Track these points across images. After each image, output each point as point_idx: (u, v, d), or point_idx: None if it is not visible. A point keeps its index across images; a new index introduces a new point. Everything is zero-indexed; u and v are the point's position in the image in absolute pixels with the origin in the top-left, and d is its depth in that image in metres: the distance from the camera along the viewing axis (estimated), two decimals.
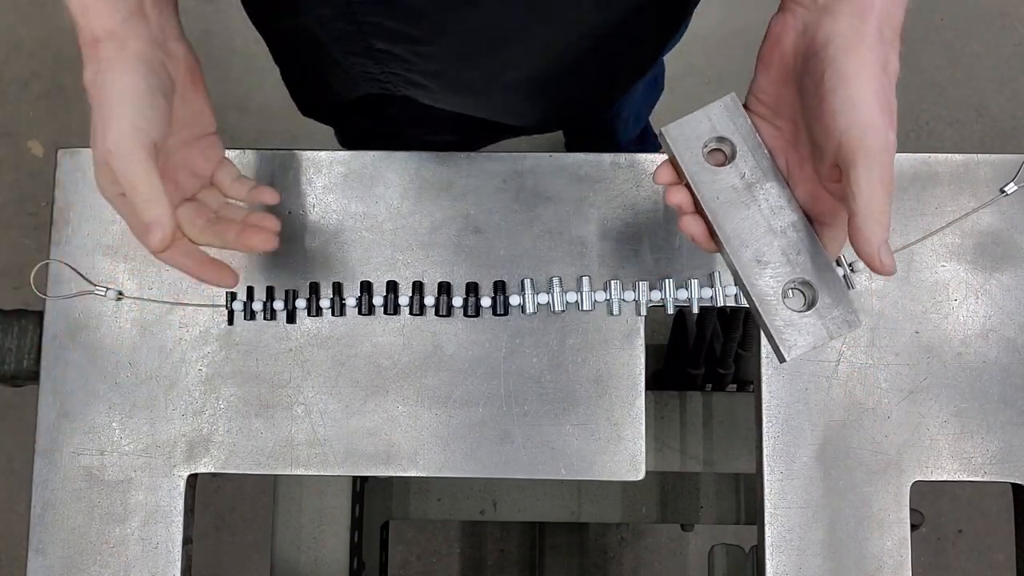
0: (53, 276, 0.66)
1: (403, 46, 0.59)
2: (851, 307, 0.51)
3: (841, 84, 0.48)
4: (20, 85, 1.67)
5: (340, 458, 0.64)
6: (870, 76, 0.48)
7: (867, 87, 0.48)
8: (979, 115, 1.65)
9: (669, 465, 0.92)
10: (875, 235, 0.48)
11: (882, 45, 0.49)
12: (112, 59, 0.52)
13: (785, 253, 0.51)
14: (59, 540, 0.64)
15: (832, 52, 0.48)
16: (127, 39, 0.53)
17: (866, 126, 0.47)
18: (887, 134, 0.47)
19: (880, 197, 0.47)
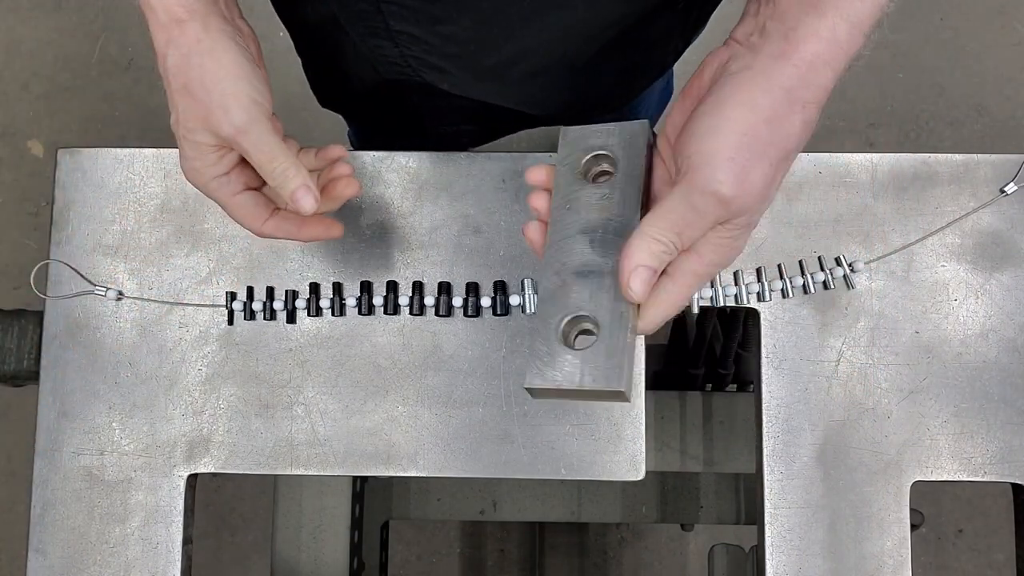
0: (53, 276, 0.66)
1: (422, 26, 0.59)
2: (621, 373, 0.46)
3: (714, 111, 0.44)
4: (20, 85, 1.67)
5: (340, 458, 0.64)
6: (748, 119, 0.43)
7: (736, 125, 0.43)
8: (979, 115, 1.65)
9: (669, 465, 0.92)
10: (638, 254, 0.44)
11: (787, 100, 0.44)
12: (203, 38, 0.51)
13: (593, 291, 0.47)
14: (59, 540, 0.64)
15: (728, 80, 0.45)
16: (208, 17, 0.51)
17: (709, 163, 0.43)
18: (723, 185, 0.43)
19: (666, 227, 0.44)
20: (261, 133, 0.51)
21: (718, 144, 0.43)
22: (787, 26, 0.44)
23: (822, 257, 0.64)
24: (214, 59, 0.51)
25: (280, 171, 0.52)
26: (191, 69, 0.51)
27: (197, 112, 0.51)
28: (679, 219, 0.44)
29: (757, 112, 0.43)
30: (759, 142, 0.43)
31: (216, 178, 0.54)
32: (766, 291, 0.63)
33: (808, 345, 0.63)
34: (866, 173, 0.65)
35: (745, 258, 0.64)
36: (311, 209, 0.53)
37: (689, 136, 0.45)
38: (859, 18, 0.44)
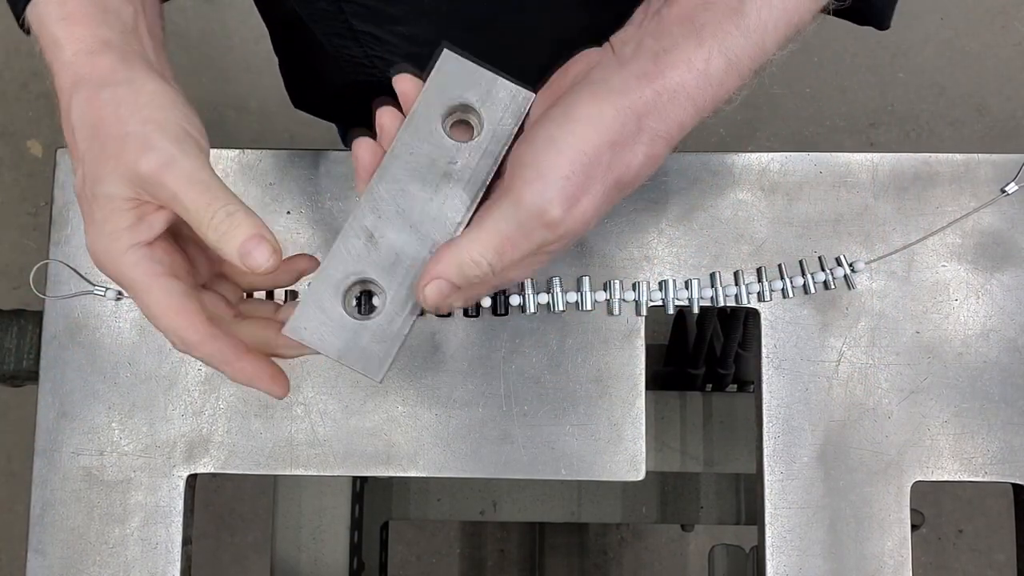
0: (52, 276, 0.65)
1: (383, 27, 0.59)
2: (386, 360, 0.43)
3: (559, 119, 0.40)
4: (19, 85, 1.67)
5: (340, 458, 0.64)
6: (591, 138, 0.39)
7: (578, 142, 0.39)
8: (980, 115, 1.65)
9: (669, 465, 0.92)
10: (447, 267, 0.41)
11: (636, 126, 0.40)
12: (119, 68, 0.40)
13: (399, 259, 0.43)
14: (58, 540, 0.63)
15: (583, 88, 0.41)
16: (129, 53, 0.42)
17: (542, 178, 0.39)
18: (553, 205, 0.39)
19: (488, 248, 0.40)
20: (193, 168, 0.39)
21: (555, 160, 0.39)
22: (661, 45, 0.41)
23: (823, 257, 0.64)
24: (133, 88, 0.40)
25: (221, 216, 0.39)
26: (102, 104, 0.39)
27: (106, 153, 0.39)
28: (504, 239, 0.40)
29: (602, 132, 0.39)
30: (598, 165, 0.40)
31: (133, 248, 0.40)
32: (766, 291, 0.63)
33: (809, 345, 0.63)
34: (867, 173, 0.65)
35: (745, 258, 0.64)
36: (267, 264, 0.39)
37: (529, 141, 0.41)
38: (738, 56, 0.41)
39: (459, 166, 0.44)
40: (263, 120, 1.60)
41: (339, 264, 0.43)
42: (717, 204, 0.65)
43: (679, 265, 0.64)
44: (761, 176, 0.65)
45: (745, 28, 0.41)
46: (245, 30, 1.55)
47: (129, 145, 0.39)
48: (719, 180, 0.65)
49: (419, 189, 0.44)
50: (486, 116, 0.45)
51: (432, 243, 0.44)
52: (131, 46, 0.42)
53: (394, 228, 0.44)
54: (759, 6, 0.41)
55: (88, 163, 0.40)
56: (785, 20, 0.42)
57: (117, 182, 0.39)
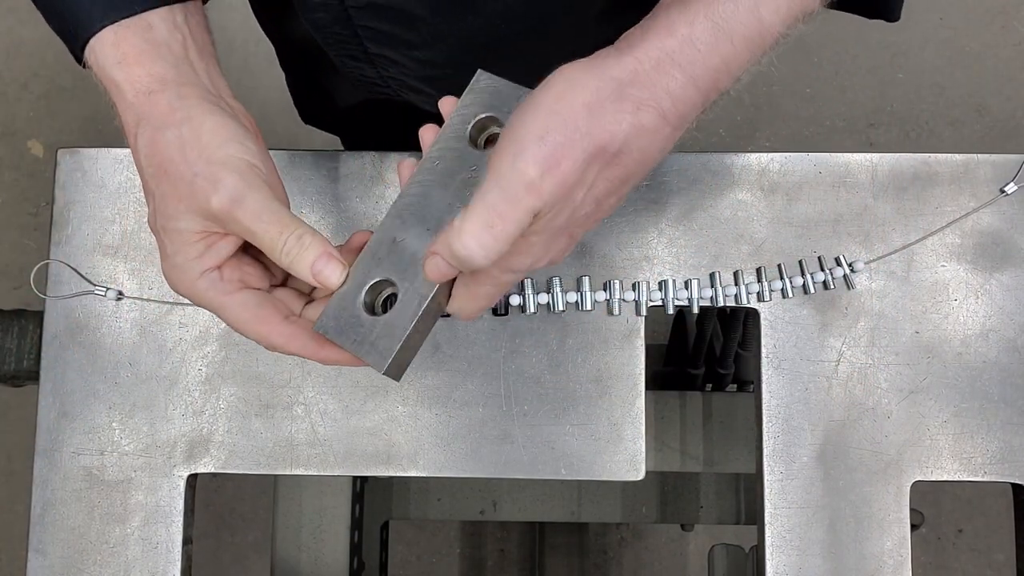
0: (53, 276, 0.66)
1: (398, 51, 0.59)
2: (389, 353, 0.44)
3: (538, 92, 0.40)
4: (20, 85, 1.67)
5: (340, 458, 0.64)
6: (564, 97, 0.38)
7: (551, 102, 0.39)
8: (979, 115, 1.65)
9: (669, 465, 0.92)
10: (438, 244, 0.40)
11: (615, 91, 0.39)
12: (177, 107, 0.42)
13: (415, 260, 0.45)
14: (59, 540, 0.64)
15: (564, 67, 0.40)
16: (184, 85, 0.44)
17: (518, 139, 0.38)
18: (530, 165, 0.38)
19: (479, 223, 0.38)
20: (261, 200, 0.42)
21: (528, 121, 0.38)
22: (647, 22, 0.40)
23: (822, 257, 0.64)
24: (193, 127, 0.42)
25: (292, 242, 0.42)
26: (166, 145, 0.42)
27: (177, 193, 0.42)
28: (490, 210, 0.38)
29: (577, 93, 0.38)
30: (573, 128, 0.38)
31: (204, 274, 0.44)
32: (766, 291, 0.63)
33: (808, 345, 0.63)
34: (866, 173, 0.65)
35: (745, 258, 0.64)
36: (337, 280, 0.44)
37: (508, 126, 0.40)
38: (727, 22, 0.39)
39: (479, 173, 0.45)
40: (264, 121, 1.59)
41: (364, 265, 0.46)
42: (717, 204, 0.65)
43: (679, 265, 0.64)
44: (761, 176, 0.65)
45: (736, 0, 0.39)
46: (245, 31, 1.55)
47: (198, 185, 0.41)
48: (719, 180, 0.65)
49: (440, 195, 0.45)
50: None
51: None
52: (186, 77, 0.44)
53: (414, 232, 0.45)
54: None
55: (159, 199, 0.42)
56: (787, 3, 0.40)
57: (189, 218, 0.42)
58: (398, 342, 0.45)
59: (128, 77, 0.43)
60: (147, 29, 0.45)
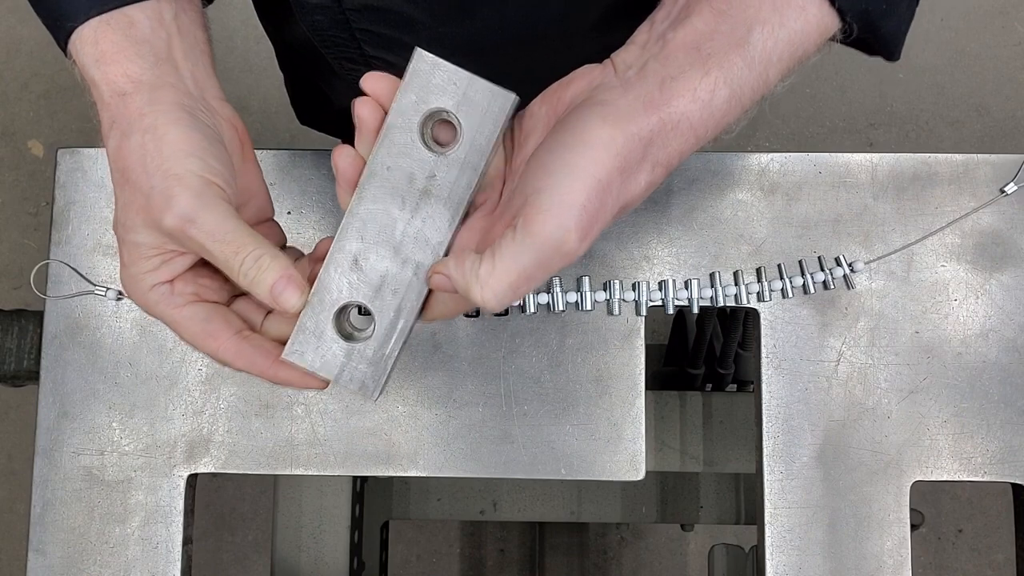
0: (53, 276, 0.66)
1: (397, 54, 0.59)
2: (379, 381, 0.43)
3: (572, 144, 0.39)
4: (20, 85, 1.67)
5: (340, 458, 0.64)
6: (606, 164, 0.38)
7: (595, 168, 0.38)
8: (979, 115, 1.65)
9: (669, 465, 0.92)
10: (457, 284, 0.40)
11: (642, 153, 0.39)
12: (146, 112, 0.41)
13: (385, 282, 0.43)
14: (59, 540, 0.64)
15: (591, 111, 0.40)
16: (159, 88, 0.42)
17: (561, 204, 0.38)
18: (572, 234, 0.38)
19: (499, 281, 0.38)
20: (217, 219, 0.40)
21: (572, 186, 0.38)
22: (667, 72, 0.40)
23: (822, 257, 0.64)
24: (156, 137, 0.41)
25: (249, 263, 0.40)
26: (130, 152, 0.41)
27: (135, 203, 0.41)
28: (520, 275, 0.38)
29: (614, 158, 0.38)
30: (609, 192, 0.39)
31: (154, 287, 0.43)
32: (766, 291, 0.63)
33: (808, 345, 0.63)
34: (866, 173, 0.65)
35: (745, 258, 0.64)
36: (297, 303, 0.42)
37: (540, 166, 0.39)
38: (741, 88, 0.40)
39: (439, 181, 0.42)
40: (264, 120, 1.60)
41: (329, 289, 0.43)
42: (717, 204, 0.65)
43: (679, 265, 0.64)
44: (761, 176, 0.65)
45: (750, 60, 0.40)
46: (246, 30, 1.55)
47: (154, 200, 0.40)
48: (719, 180, 0.65)
49: (398, 209, 0.43)
50: (464, 123, 0.42)
51: (415, 265, 0.43)
52: (163, 79, 0.43)
53: (376, 251, 0.43)
54: (764, 38, 0.40)
55: (120, 207, 0.42)
56: (789, 52, 0.42)
57: (145, 232, 0.42)
58: (386, 370, 0.44)
59: (104, 77, 0.42)
60: (129, 26, 0.43)
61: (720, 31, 0.40)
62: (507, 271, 0.38)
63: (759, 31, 0.40)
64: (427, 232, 0.43)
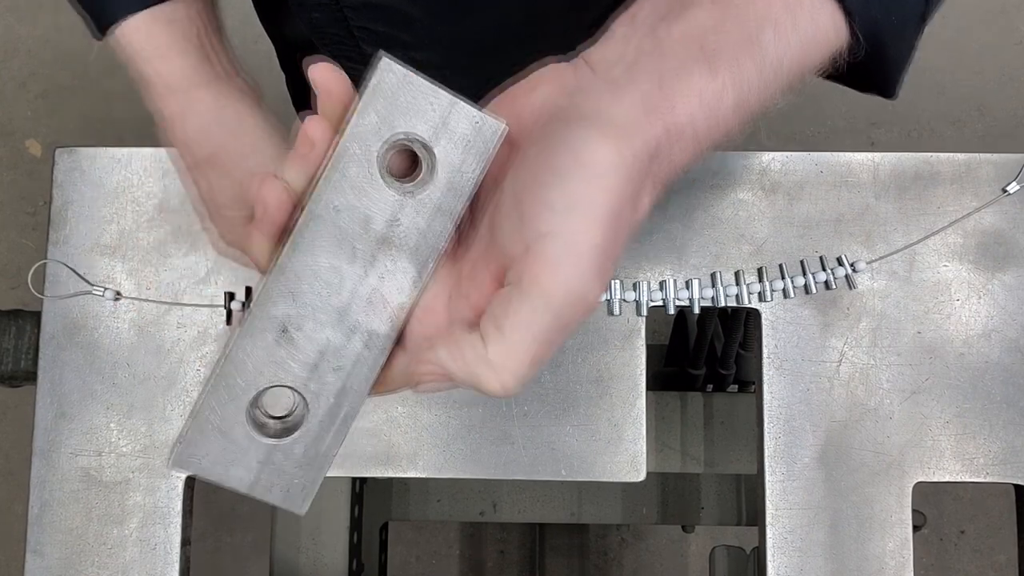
0: (51, 276, 0.65)
1: (394, 52, 0.58)
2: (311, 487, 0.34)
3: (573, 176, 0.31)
4: (18, 84, 1.67)
5: (339, 459, 0.63)
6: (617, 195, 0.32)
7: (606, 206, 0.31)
8: (981, 114, 1.65)
9: (670, 466, 0.92)
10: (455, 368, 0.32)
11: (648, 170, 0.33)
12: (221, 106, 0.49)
13: (324, 358, 0.33)
14: (57, 541, 0.63)
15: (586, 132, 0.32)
16: (214, 80, 0.49)
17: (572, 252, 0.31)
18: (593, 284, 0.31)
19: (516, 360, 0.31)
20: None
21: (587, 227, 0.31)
22: (666, 66, 0.34)
23: (824, 257, 0.64)
24: (243, 128, 0.49)
25: None
26: (220, 140, 0.48)
27: (224, 184, 0.49)
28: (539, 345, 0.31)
29: (624, 183, 0.32)
30: (622, 222, 0.32)
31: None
32: (767, 291, 0.63)
33: (810, 345, 0.63)
34: (868, 173, 0.64)
35: (746, 258, 0.64)
36: None
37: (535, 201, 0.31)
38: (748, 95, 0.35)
39: (403, 228, 0.33)
40: None
41: (242, 369, 0.33)
42: (718, 204, 0.64)
43: (680, 265, 0.64)
44: (762, 176, 0.65)
45: (761, 64, 0.35)
46: (245, 30, 1.55)
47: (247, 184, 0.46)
48: (719, 180, 0.65)
49: (347, 262, 0.33)
50: (441, 157, 0.33)
51: (367, 335, 0.34)
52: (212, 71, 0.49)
53: (314, 318, 0.33)
54: (776, 40, 0.35)
55: (210, 184, 0.48)
56: (799, 62, 0.36)
57: (238, 207, 0.48)
58: (322, 473, 0.35)
59: (166, 69, 0.48)
60: (169, 23, 0.49)
61: (726, 27, 0.34)
62: (523, 344, 0.31)
63: (771, 32, 0.35)
64: (384, 291, 0.33)
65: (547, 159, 0.32)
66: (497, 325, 0.31)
